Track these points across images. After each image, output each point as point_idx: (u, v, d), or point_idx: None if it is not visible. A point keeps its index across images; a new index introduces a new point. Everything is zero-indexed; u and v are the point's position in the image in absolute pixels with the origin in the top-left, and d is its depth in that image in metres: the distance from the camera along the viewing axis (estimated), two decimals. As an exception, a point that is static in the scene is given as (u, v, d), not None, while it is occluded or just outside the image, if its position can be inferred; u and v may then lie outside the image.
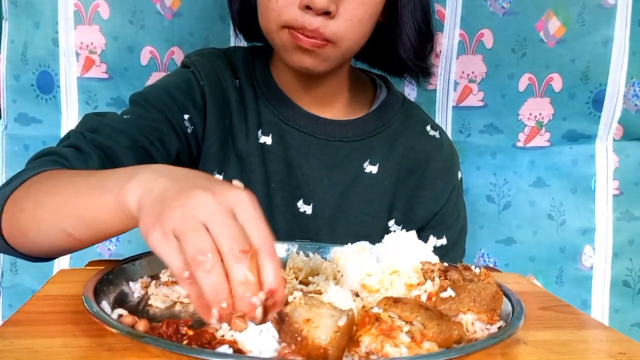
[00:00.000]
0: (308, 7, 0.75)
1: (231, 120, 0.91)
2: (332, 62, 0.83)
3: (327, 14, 0.76)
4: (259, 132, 0.91)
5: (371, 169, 0.94)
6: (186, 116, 0.87)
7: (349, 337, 0.44)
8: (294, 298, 0.45)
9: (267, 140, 0.91)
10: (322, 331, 0.42)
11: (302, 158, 0.92)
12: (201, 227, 0.45)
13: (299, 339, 0.41)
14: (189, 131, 0.87)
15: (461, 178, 1.02)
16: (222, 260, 0.44)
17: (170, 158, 0.85)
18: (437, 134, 1.00)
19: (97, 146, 0.76)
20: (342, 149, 0.93)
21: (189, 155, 0.88)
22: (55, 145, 0.78)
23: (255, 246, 0.46)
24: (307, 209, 0.92)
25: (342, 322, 0.42)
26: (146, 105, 0.85)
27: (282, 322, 0.42)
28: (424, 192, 0.96)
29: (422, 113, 1.03)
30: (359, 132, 0.94)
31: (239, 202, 0.48)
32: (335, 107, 0.95)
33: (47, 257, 0.69)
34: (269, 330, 0.43)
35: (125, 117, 0.83)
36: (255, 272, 0.45)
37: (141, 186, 0.53)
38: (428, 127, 1.00)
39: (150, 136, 0.81)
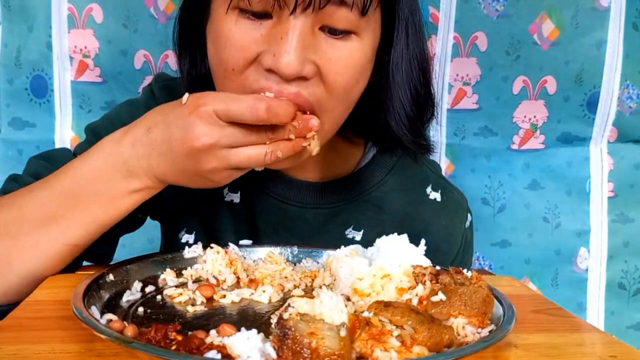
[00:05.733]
0: (270, 71, 0.59)
1: None
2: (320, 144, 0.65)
3: (302, 78, 0.60)
4: (225, 190, 0.80)
5: (354, 234, 0.80)
6: None
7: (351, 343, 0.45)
8: (290, 314, 0.45)
9: (234, 198, 0.80)
10: (330, 341, 0.42)
11: (270, 228, 0.80)
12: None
13: (306, 352, 0.41)
14: None
15: (471, 221, 0.89)
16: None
17: None
18: (438, 196, 0.84)
19: None
20: (318, 217, 0.80)
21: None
22: None
23: None
24: None
25: (343, 333, 0.43)
26: None
27: (285, 338, 0.42)
28: None
29: (423, 170, 0.86)
30: (339, 197, 0.80)
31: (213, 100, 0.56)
32: (313, 168, 0.80)
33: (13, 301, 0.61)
34: (256, 335, 0.43)
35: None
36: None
37: (142, 172, 0.60)
38: (428, 189, 0.84)
39: None
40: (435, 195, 0.84)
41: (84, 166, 0.62)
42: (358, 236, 0.81)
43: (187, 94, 0.58)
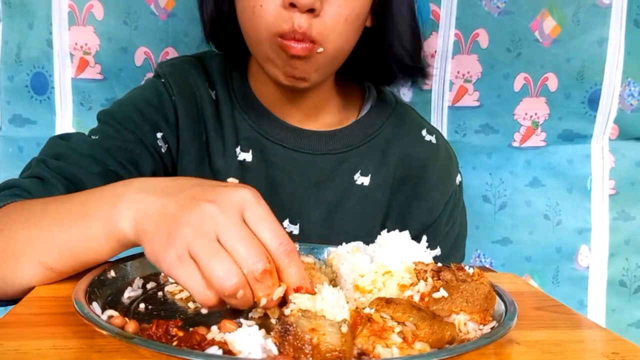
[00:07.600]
0: (292, 5, 0.70)
1: (207, 137, 0.86)
2: (323, 71, 0.79)
3: (311, 11, 0.71)
4: (238, 149, 0.86)
5: (363, 180, 0.89)
6: (159, 134, 0.82)
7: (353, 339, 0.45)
8: (292, 310, 0.45)
9: (246, 157, 0.86)
10: (332, 337, 0.42)
11: (286, 176, 0.87)
12: (220, 248, 0.45)
13: (307, 348, 0.41)
14: (163, 150, 0.83)
15: (460, 181, 0.97)
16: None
17: None
18: (433, 139, 0.94)
19: (62, 174, 0.71)
20: (329, 163, 0.88)
21: (165, 174, 0.84)
22: (19, 176, 0.73)
23: (271, 250, 0.47)
24: (294, 229, 0.87)
25: (345, 329, 0.43)
26: (115, 124, 0.80)
27: (287, 334, 0.42)
28: (418, 203, 0.91)
29: (416, 116, 0.98)
30: (346, 142, 0.89)
31: (243, 203, 0.48)
32: (320, 118, 0.90)
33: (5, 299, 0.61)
34: (258, 332, 0.43)
35: (93, 137, 0.78)
36: (276, 278, 0.47)
37: (132, 208, 0.52)
38: (424, 132, 0.94)
39: (121, 159, 0.77)
40: (430, 138, 0.94)
41: (86, 195, 0.60)
42: (366, 181, 0.89)
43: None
